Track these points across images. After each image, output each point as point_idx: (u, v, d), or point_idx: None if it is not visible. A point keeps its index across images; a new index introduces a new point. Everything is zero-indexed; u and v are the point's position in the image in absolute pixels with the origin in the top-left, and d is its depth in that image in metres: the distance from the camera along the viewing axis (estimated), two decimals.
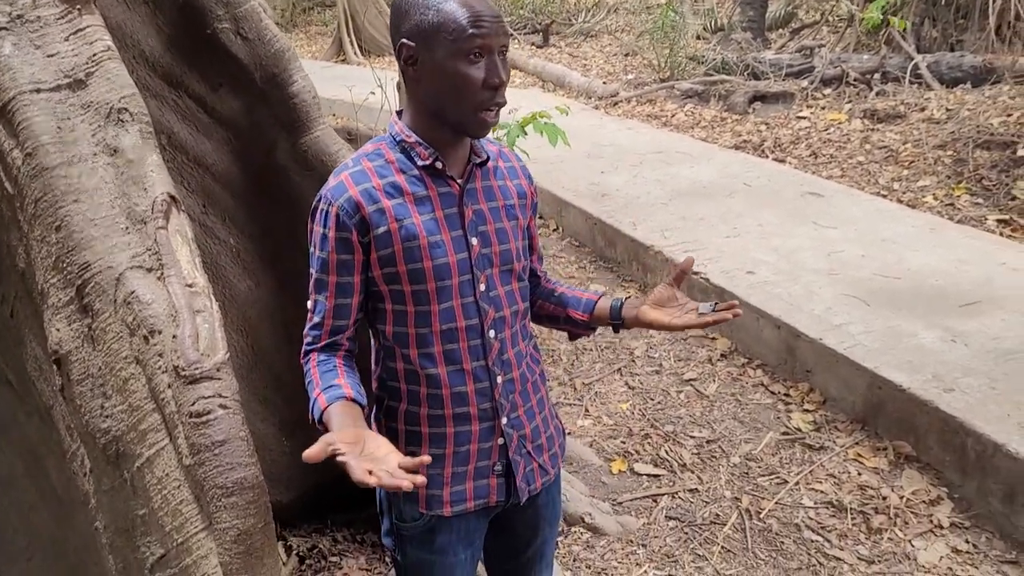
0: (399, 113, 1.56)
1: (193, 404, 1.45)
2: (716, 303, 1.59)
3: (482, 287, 1.55)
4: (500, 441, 1.62)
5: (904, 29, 8.23)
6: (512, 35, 13.97)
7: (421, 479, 1.20)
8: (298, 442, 2.78)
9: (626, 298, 1.73)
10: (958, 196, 5.43)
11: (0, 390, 2.34)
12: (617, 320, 1.70)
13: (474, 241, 1.53)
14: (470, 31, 1.38)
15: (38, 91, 1.61)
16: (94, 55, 1.65)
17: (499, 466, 1.64)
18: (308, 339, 1.56)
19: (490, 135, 1.62)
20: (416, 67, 1.44)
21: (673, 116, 8.17)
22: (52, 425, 1.97)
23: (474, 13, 1.38)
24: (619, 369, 3.96)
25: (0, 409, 2.38)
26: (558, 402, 3.71)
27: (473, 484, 1.63)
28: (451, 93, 1.42)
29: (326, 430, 1.39)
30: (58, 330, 1.60)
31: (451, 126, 1.47)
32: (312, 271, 1.53)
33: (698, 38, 11.34)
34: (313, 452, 1.21)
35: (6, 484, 2.44)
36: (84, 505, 1.88)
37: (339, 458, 1.22)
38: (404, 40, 1.44)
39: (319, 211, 1.50)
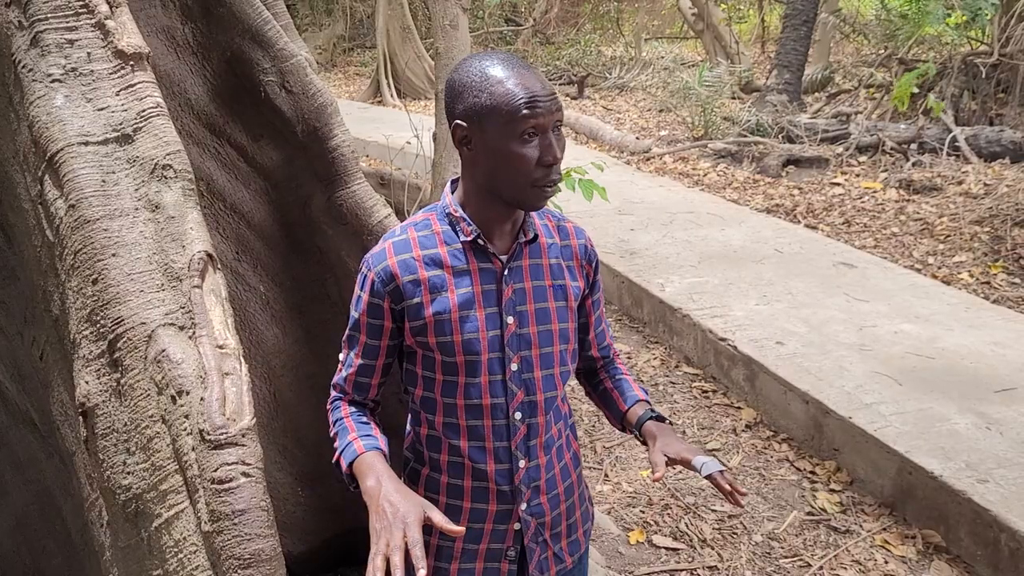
0: (453, 183, 1.55)
1: (216, 470, 1.43)
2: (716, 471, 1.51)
3: (514, 367, 1.51)
4: (516, 526, 1.58)
5: (943, 109, 8.19)
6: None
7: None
8: (314, 493, 2.75)
9: (649, 419, 1.66)
10: (995, 274, 5.35)
11: (22, 429, 2.33)
12: (635, 433, 1.68)
13: (509, 320, 1.50)
14: (523, 112, 1.36)
15: (86, 144, 1.62)
16: (143, 111, 1.66)
17: (512, 551, 1.59)
18: (336, 389, 1.61)
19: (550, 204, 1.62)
20: (470, 147, 1.43)
21: (705, 175, 8.16)
22: (72, 471, 1.96)
23: (530, 94, 1.37)
24: None
25: (20, 448, 2.38)
26: None
27: (484, 565, 1.59)
28: (507, 172, 1.41)
29: (350, 473, 1.46)
30: (87, 382, 1.60)
31: (507, 201, 1.46)
32: (348, 325, 1.58)
33: (733, 98, 11.38)
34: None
35: (20, 523, 2.42)
36: (98, 556, 1.85)
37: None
38: (458, 122, 1.43)
39: (360, 273, 1.54)
